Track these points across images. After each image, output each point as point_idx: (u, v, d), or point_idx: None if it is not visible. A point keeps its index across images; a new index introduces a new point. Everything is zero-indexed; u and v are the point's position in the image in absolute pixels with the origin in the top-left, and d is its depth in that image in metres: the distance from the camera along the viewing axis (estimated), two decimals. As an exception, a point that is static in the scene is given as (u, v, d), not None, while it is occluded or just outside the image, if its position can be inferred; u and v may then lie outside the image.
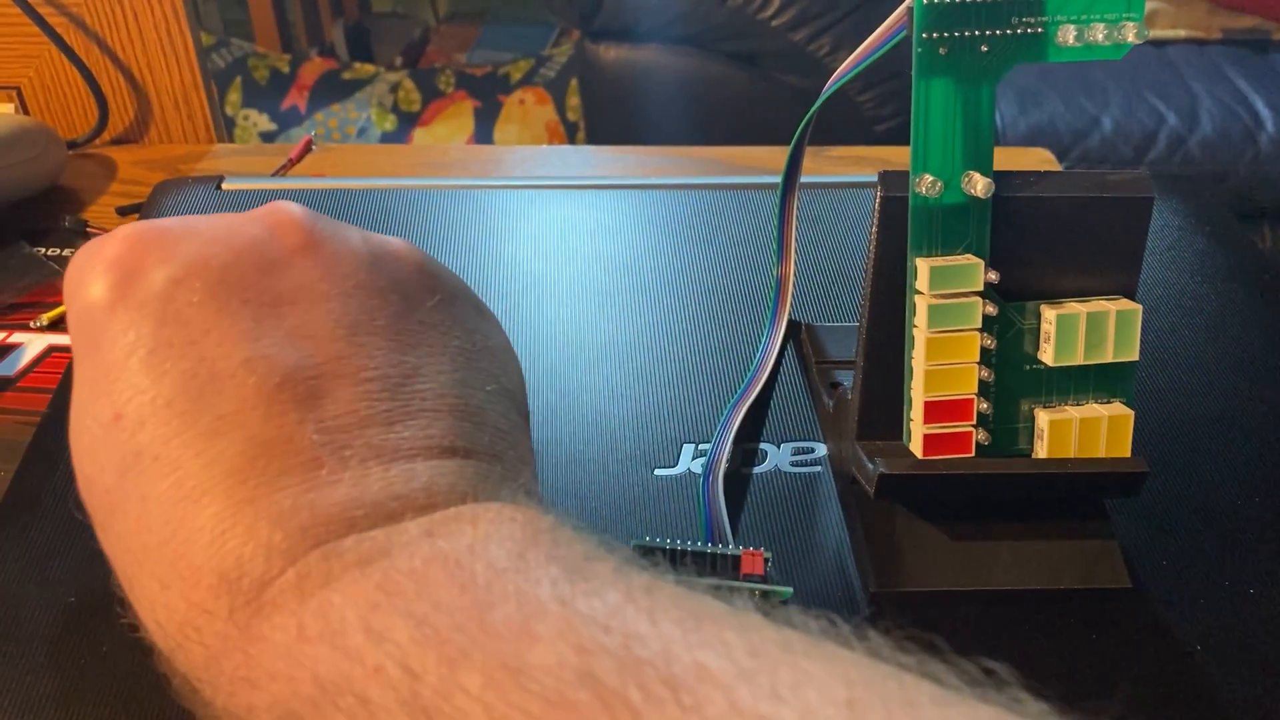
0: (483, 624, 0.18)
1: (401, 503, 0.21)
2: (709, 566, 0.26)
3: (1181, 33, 1.46)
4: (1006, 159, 0.51)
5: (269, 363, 0.22)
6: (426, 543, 0.20)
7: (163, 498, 0.21)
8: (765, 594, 0.26)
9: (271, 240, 0.24)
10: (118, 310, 0.23)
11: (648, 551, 0.26)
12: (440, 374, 0.24)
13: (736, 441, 0.33)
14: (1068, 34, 0.27)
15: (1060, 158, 0.98)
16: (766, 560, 0.26)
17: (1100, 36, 0.27)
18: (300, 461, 0.21)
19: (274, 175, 0.56)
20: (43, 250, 0.51)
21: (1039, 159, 0.62)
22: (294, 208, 0.25)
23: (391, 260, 0.26)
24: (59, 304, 0.47)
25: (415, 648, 0.18)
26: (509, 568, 0.19)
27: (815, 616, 0.18)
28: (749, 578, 0.26)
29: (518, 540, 0.20)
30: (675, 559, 0.26)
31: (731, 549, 0.26)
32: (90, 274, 0.24)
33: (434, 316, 0.25)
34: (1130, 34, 0.27)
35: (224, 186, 0.46)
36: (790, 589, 0.26)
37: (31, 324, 0.46)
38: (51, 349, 0.45)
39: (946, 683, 0.17)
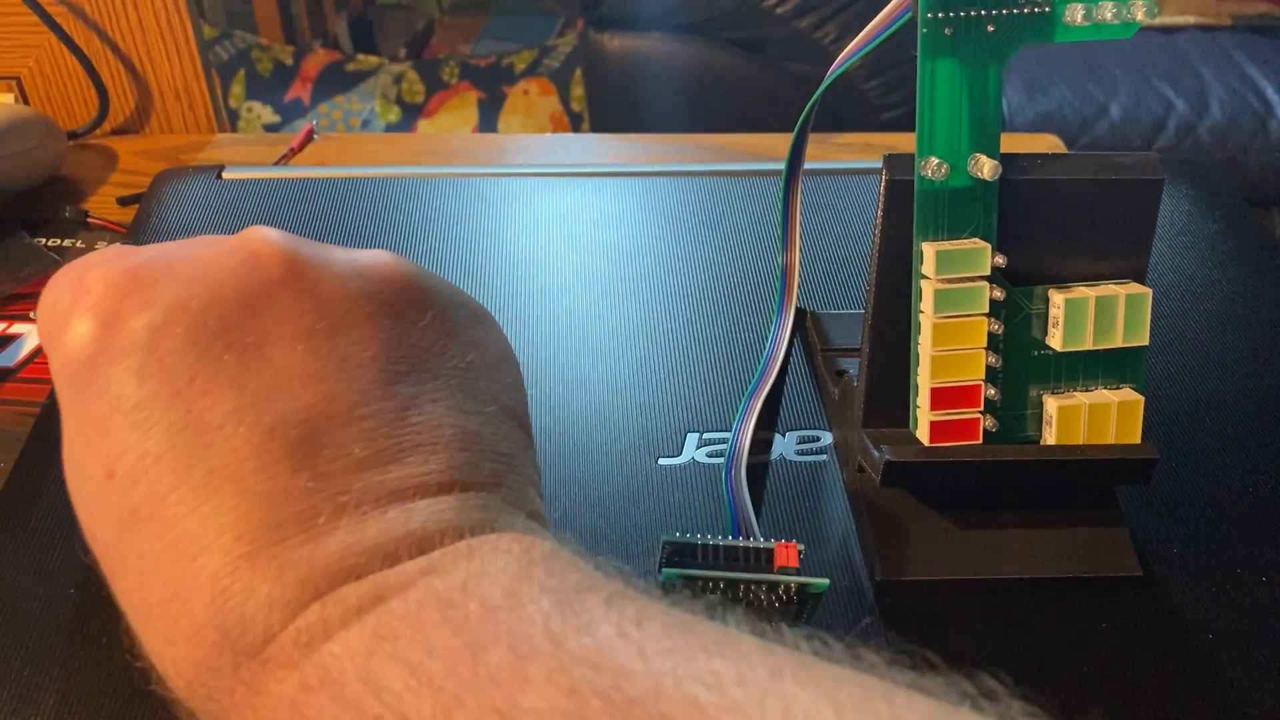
0: (475, 668, 0.18)
1: (399, 544, 0.21)
2: (741, 561, 0.26)
3: (1191, 19, 1.45)
4: (1014, 144, 0.50)
5: (257, 411, 0.22)
6: (422, 583, 0.20)
7: (160, 557, 0.21)
8: (802, 587, 0.26)
9: (252, 273, 0.23)
10: (99, 363, 0.22)
11: (679, 549, 0.26)
12: (436, 402, 0.23)
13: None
14: (1076, 13, 0.26)
15: (1068, 145, 0.97)
16: (800, 553, 0.26)
17: (1109, 15, 0.26)
18: (296, 512, 0.21)
19: (275, 164, 0.56)
20: (43, 241, 0.51)
21: (1047, 144, 0.61)
22: (271, 234, 0.24)
23: (379, 280, 0.25)
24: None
25: (411, 696, 0.18)
26: (501, 605, 0.19)
27: (808, 637, 0.19)
28: (784, 570, 0.26)
29: (512, 574, 0.20)
30: (707, 555, 0.26)
31: (764, 542, 0.26)
32: (68, 322, 0.23)
33: (427, 337, 0.24)
34: (1139, 12, 0.26)
35: (225, 176, 0.46)
36: (827, 580, 0.26)
37: (31, 314, 0.46)
38: (52, 340, 0.44)
39: (942, 699, 0.17)
